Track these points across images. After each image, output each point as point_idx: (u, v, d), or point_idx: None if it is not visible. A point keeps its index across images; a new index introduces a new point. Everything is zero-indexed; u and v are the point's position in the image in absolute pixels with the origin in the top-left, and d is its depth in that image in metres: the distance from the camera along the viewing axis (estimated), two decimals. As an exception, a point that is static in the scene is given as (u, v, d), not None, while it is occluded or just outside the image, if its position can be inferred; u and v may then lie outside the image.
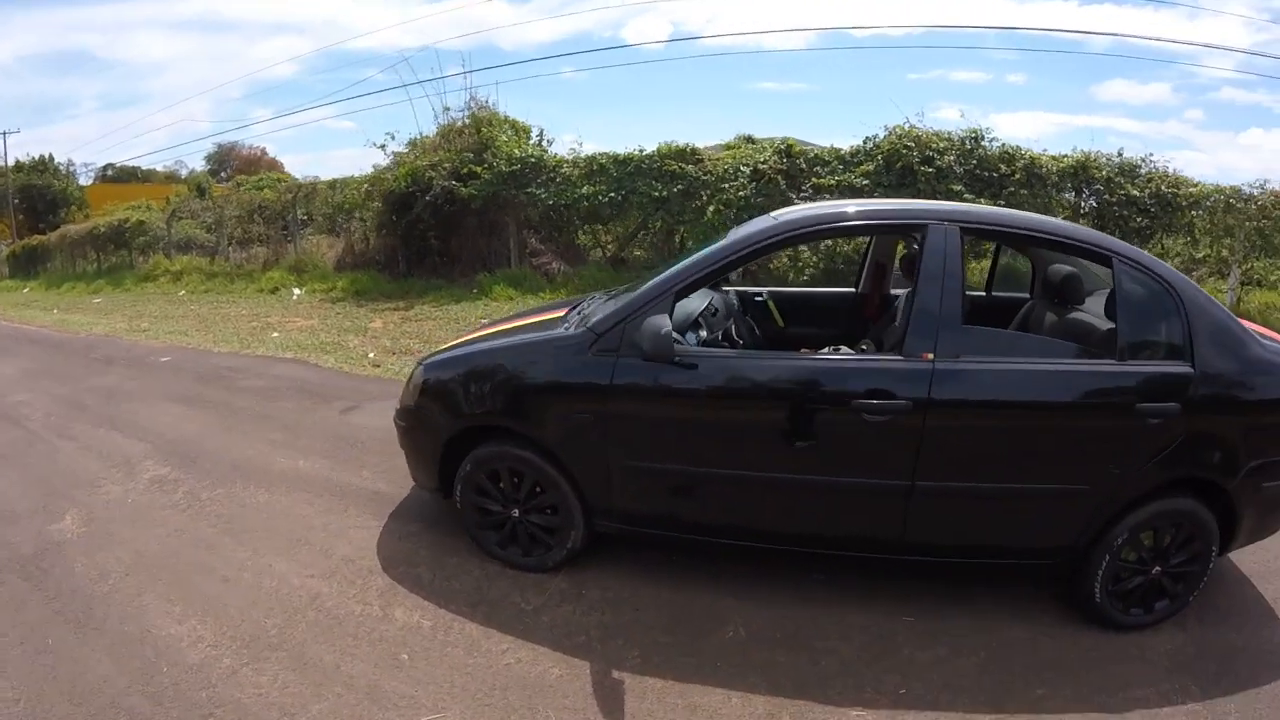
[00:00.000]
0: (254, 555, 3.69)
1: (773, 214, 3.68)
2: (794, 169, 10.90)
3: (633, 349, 3.09)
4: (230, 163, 46.73)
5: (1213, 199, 10.84)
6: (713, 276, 3.39)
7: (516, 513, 3.49)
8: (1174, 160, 10.95)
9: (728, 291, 4.51)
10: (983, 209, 4.10)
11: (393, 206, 12.26)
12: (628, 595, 3.36)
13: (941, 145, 10.75)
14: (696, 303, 3.78)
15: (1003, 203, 10.25)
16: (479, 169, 11.55)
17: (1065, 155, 11.16)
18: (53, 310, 14.39)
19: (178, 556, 3.70)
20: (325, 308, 11.13)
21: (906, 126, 11.02)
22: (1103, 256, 3.18)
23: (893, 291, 4.52)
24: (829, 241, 9.96)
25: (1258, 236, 10.39)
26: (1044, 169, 10.84)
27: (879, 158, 10.77)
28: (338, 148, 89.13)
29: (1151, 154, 11.29)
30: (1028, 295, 4.23)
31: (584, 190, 11.12)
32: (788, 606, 3.27)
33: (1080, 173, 10.92)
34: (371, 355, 7.49)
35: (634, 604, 3.31)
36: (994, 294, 4.48)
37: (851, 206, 3.72)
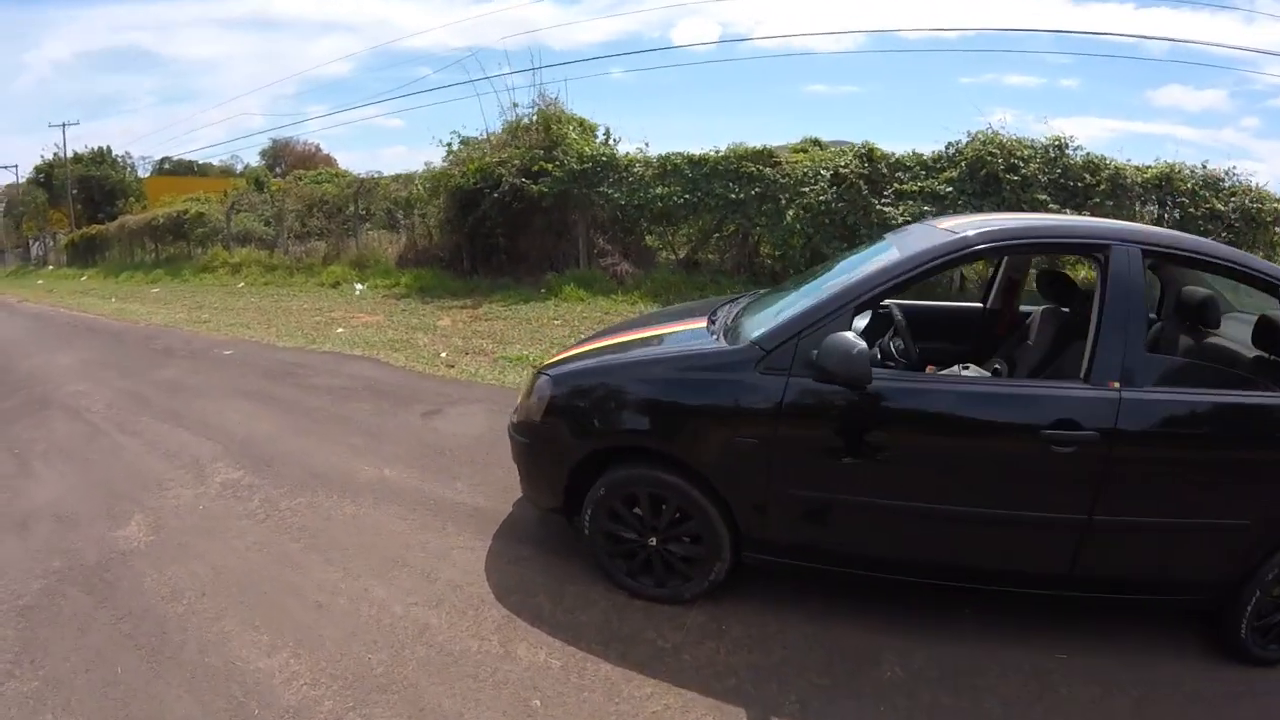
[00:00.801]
0: (347, 577, 3.25)
1: (938, 224, 3.43)
2: (875, 174, 10.33)
3: (808, 368, 2.76)
4: (284, 158, 46.83)
5: None
6: (897, 290, 3.00)
7: (654, 541, 3.09)
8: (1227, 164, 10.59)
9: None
10: (1157, 231, 3.86)
11: (459, 203, 11.83)
12: (773, 631, 2.98)
13: (1026, 153, 10.28)
14: (861, 319, 3.43)
15: (1088, 212, 9.79)
16: (550, 166, 11.08)
17: (1149, 166, 10.69)
18: (110, 299, 14.26)
19: (260, 575, 3.28)
20: (390, 304, 10.76)
21: (990, 132, 10.50)
22: (1276, 287, 2.97)
23: (1022, 309, 4.18)
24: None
25: None
26: (1128, 179, 10.35)
27: (962, 164, 10.23)
28: (388, 145, 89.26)
29: (1235, 166, 10.81)
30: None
31: (657, 190, 10.61)
32: (941, 643, 2.96)
33: (1165, 184, 10.43)
34: (444, 355, 7.05)
35: (781, 641, 2.93)
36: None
37: (1036, 222, 3.59)
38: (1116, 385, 2.75)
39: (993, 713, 2.64)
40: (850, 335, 2.69)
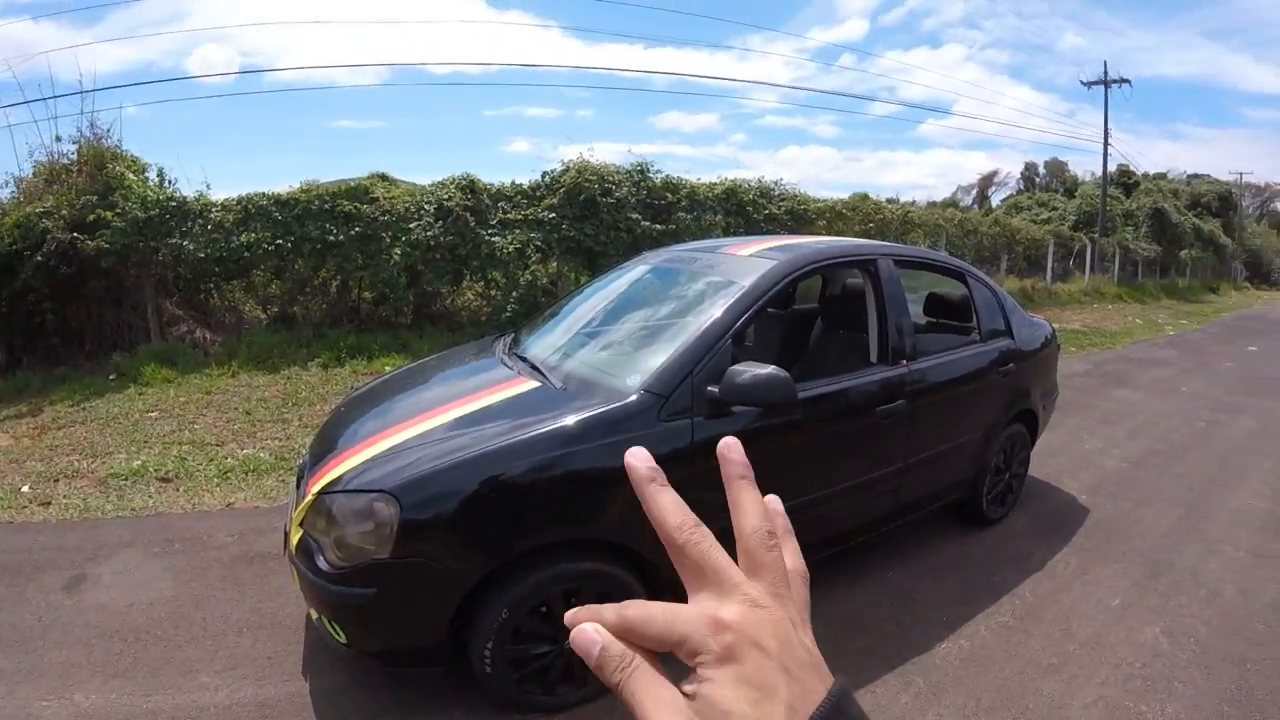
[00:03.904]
0: None
1: (734, 250, 3.99)
2: (479, 205, 10.48)
3: (709, 406, 2.94)
4: None
5: (830, 211, 14.40)
6: (757, 315, 3.38)
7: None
8: (728, 175, 13.23)
9: None
10: (901, 245, 5.13)
11: None
12: None
13: (618, 178, 11.40)
14: None
15: (673, 226, 11.04)
16: (110, 215, 8.89)
17: (716, 183, 12.66)
18: None
19: None
20: None
21: (583, 161, 11.37)
22: (958, 272, 4.60)
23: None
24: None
25: (864, 234, 14.36)
26: (702, 195, 12.24)
27: (561, 191, 10.90)
28: None
29: (782, 179, 13.69)
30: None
31: (243, 238, 9.28)
32: (837, 597, 3.83)
33: (731, 197, 12.55)
34: (26, 489, 5.43)
35: None
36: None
37: (822, 244, 4.13)
38: (905, 363, 3.77)
39: (887, 626, 3.60)
40: (763, 366, 2.90)
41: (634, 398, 2.88)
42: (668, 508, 0.54)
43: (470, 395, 3.25)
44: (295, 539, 2.80)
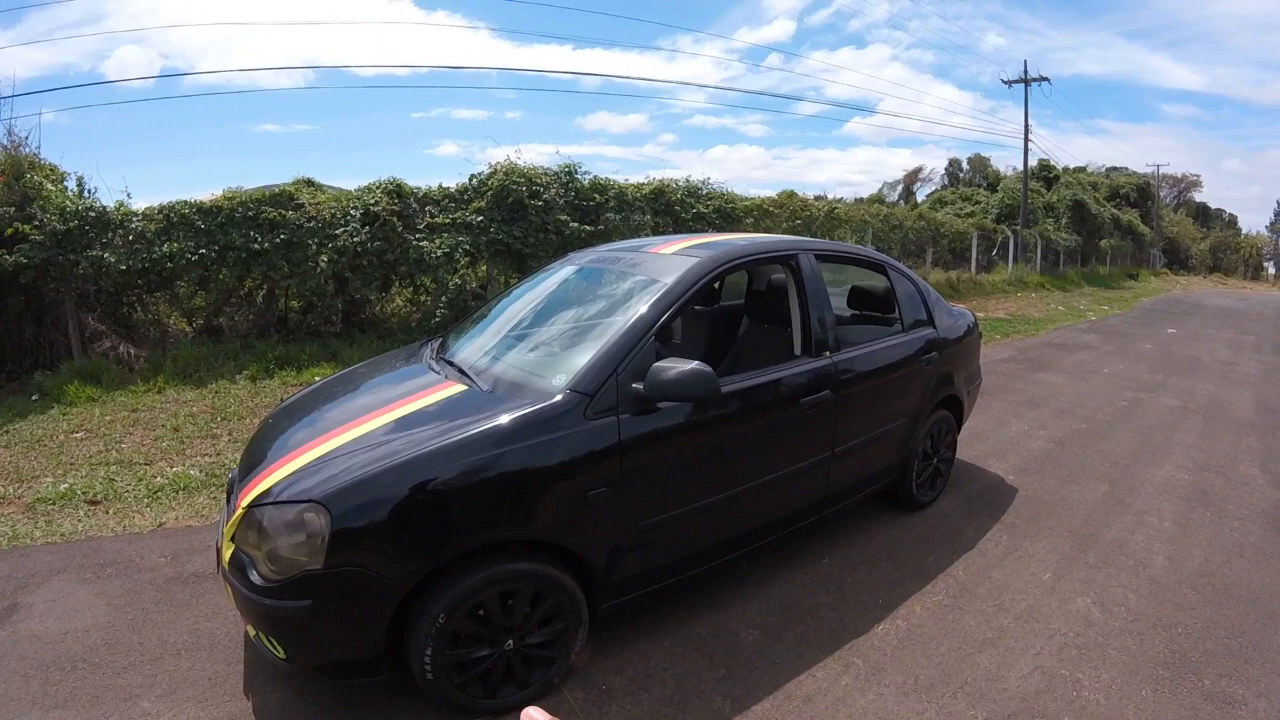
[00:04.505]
0: None
1: (657, 249, 4.05)
2: (406, 209, 10.50)
3: (635, 403, 3.02)
4: None
5: (757, 209, 14.71)
6: (680, 311, 3.45)
7: (510, 643, 2.90)
8: (656, 175, 13.51)
9: None
10: (820, 241, 4.88)
11: None
12: (643, 663, 3.33)
13: (546, 180, 11.46)
14: None
15: (602, 227, 11.16)
16: (28, 228, 8.60)
17: (644, 183, 12.81)
18: None
19: None
20: None
21: (509, 163, 11.39)
22: (879, 266, 4.79)
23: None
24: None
25: (791, 230, 15.04)
26: (630, 196, 12.39)
27: (488, 194, 10.95)
28: None
29: (709, 178, 13.96)
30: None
31: (165, 249, 9.10)
32: (763, 593, 3.93)
33: (659, 197, 12.74)
34: (-51, 517, 5.36)
35: (659, 665, 3.31)
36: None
37: (743, 241, 4.22)
38: (829, 354, 3.96)
39: (824, 612, 3.76)
40: (687, 361, 2.98)
41: (559, 397, 2.93)
42: None
43: (398, 401, 3.25)
44: (228, 555, 2.79)
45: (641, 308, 3.30)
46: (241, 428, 7.06)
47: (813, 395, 3.76)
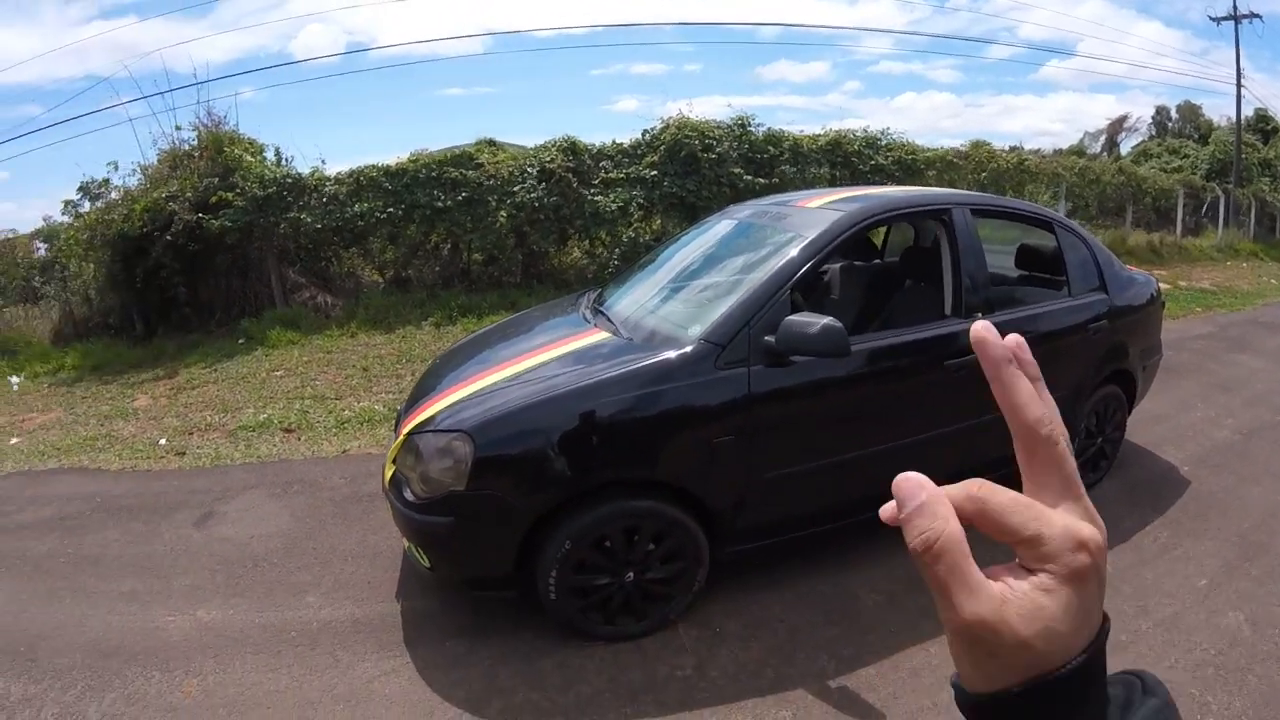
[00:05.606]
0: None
1: (804, 203, 3.93)
2: (581, 166, 10.53)
3: (766, 355, 2.97)
4: None
5: (940, 161, 13.47)
6: (821, 264, 3.40)
7: (631, 576, 3.01)
8: (836, 125, 12.69)
9: None
10: (975, 194, 4.78)
11: (123, 254, 9.52)
12: (760, 611, 3.26)
13: (719, 133, 11.13)
14: None
15: (776, 180, 10.75)
16: (231, 196, 9.47)
17: (820, 135, 12.16)
18: None
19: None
20: (63, 393, 8.01)
21: (682, 117, 11.14)
22: (1046, 223, 4.28)
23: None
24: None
25: (977, 185, 13.32)
26: (805, 148, 11.79)
27: (661, 149, 10.76)
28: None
29: (889, 128, 12.95)
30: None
31: (356, 209, 9.71)
32: (888, 559, 3.57)
33: (835, 149, 12.12)
34: (164, 441, 5.81)
35: (775, 615, 3.24)
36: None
37: (893, 194, 4.14)
38: (980, 316, 3.54)
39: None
40: (817, 315, 2.89)
41: (691, 347, 2.98)
42: (1027, 398, 0.48)
43: (548, 345, 3.50)
44: (389, 475, 3.14)
45: (779, 262, 3.28)
46: (423, 369, 7.30)
47: (958, 359, 3.43)
